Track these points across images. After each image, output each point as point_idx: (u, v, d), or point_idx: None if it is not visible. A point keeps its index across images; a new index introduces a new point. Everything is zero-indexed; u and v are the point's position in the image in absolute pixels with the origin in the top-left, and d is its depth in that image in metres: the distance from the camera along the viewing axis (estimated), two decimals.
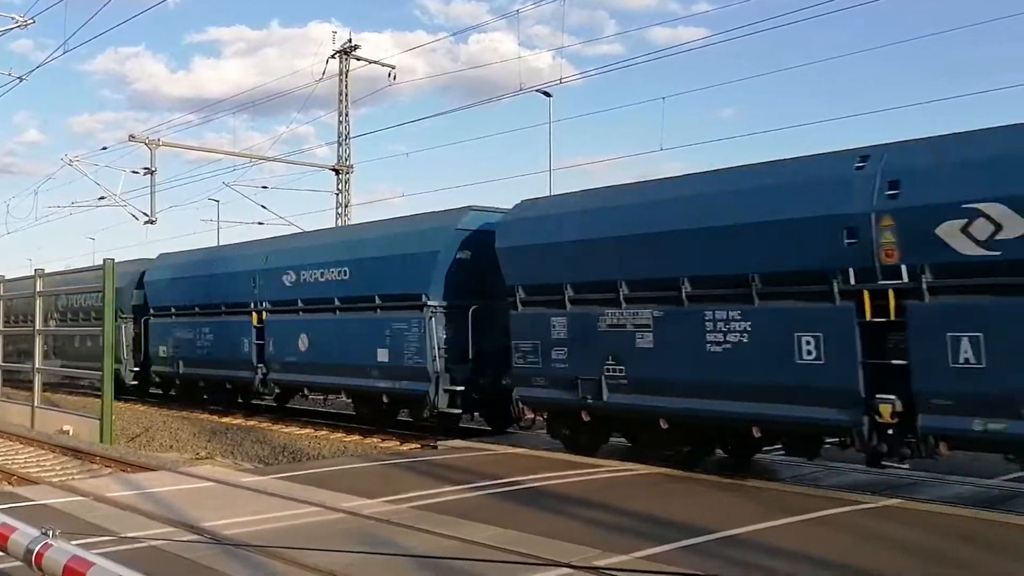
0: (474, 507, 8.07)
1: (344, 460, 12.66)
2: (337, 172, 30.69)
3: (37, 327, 20.01)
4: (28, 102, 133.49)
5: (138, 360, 21.76)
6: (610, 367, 10.64)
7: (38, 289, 20.09)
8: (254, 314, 17.27)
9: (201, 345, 19.14)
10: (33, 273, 21.14)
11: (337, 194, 30.63)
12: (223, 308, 18.38)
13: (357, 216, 30.70)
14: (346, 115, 30.68)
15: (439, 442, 13.24)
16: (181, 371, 19.95)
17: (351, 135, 30.80)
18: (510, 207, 12.78)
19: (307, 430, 16.47)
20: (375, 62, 31.04)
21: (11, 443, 16.62)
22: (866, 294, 8.44)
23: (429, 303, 13.60)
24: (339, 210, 30.51)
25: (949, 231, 7.85)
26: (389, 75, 30.49)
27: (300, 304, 16.27)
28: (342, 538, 6.79)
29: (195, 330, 19.35)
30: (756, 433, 9.61)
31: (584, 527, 7.18)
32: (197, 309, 19.29)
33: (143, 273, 21.61)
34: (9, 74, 22.12)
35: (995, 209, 7.57)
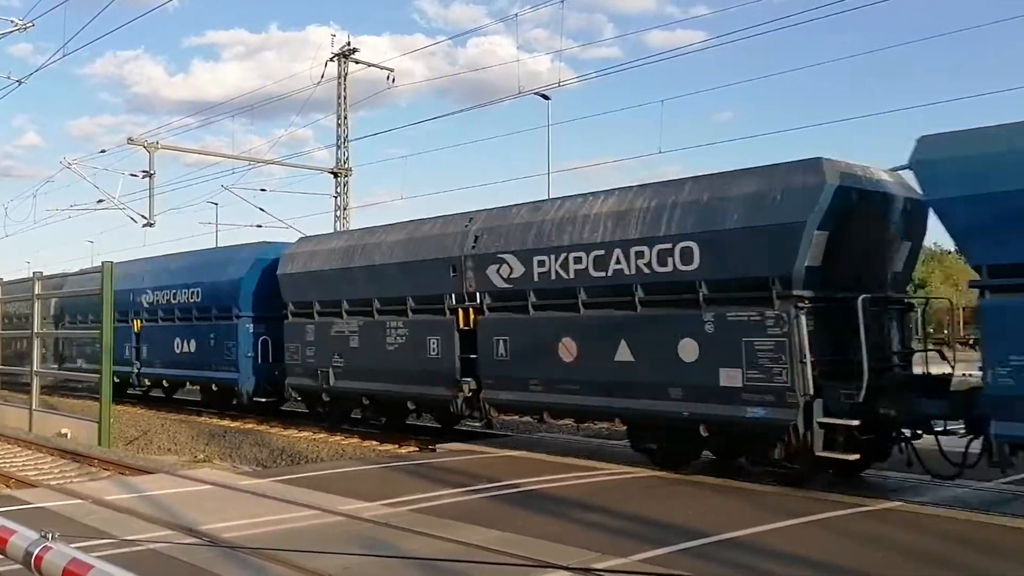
0: (472, 510, 8.07)
1: (342, 463, 12.66)
2: (336, 175, 30.68)
3: (35, 330, 19.98)
4: (27, 105, 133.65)
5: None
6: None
7: (37, 292, 20.08)
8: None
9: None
10: (32, 276, 21.15)
11: (336, 197, 30.63)
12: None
13: (356, 219, 30.74)
14: (345, 118, 30.69)
15: (437, 445, 13.26)
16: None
17: (350, 138, 30.81)
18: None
19: (305, 433, 16.46)
20: (374, 65, 31.06)
21: (9, 446, 16.59)
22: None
23: None
24: (338, 213, 30.51)
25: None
26: (388, 78, 30.56)
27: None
28: (340, 541, 6.80)
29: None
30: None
31: (582, 530, 7.18)
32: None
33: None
34: (8, 77, 22.15)
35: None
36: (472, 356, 12.79)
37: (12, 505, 8.42)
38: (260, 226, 32.06)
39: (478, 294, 12.59)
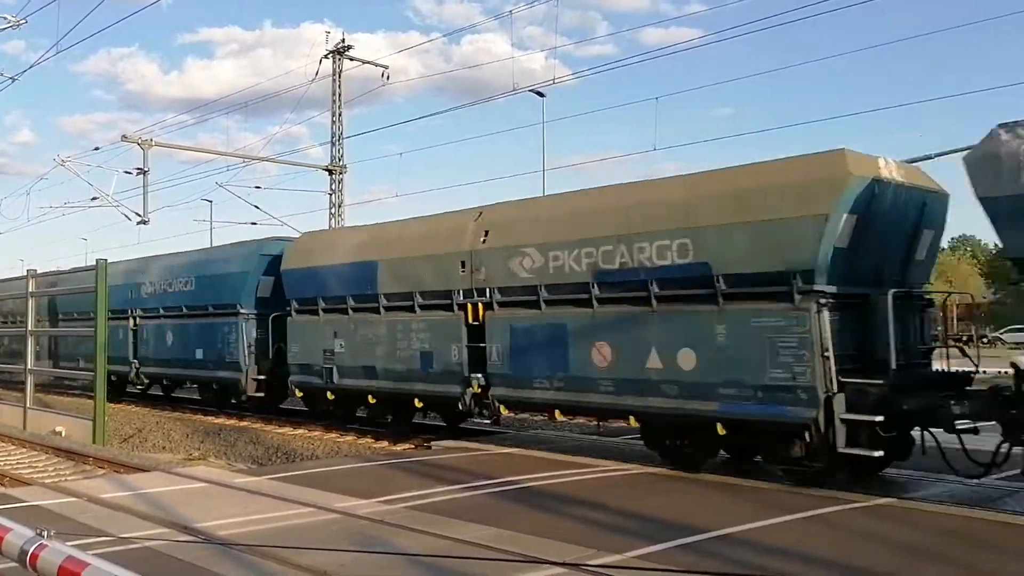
0: (468, 507, 8.08)
1: (338, 460, 12.66)
2: (330, 172, 30.63)
3: (29, 328, 19.93)
4: (20, 102, 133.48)
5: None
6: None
7: (30, 289, 20.02)
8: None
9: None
10: (26, 274, 21.09)
11: (330, 194, 30.57)
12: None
13: (351, 217, 30.71)
14: (339, 115, 30.62)
15: (433, 442, 13.26)
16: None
17: (344, 135, 30.76)
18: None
19: (301, 430, 16.45)
20: (368, 62, 31.00)
21: (3, 444, 16.55)
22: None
23: None
24: (332, 210, 30.47)
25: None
26: (382, 75, 30.49)
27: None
28: (336, 538, 6.79)
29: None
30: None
31: (578, 526, 7.19)
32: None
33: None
34: (1, 74, 22.08)
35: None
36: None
37: (6, 503, 8.40)
38: (255, 224, 31.93)
39: None
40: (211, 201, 47.16)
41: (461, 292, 12.77)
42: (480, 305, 12.50)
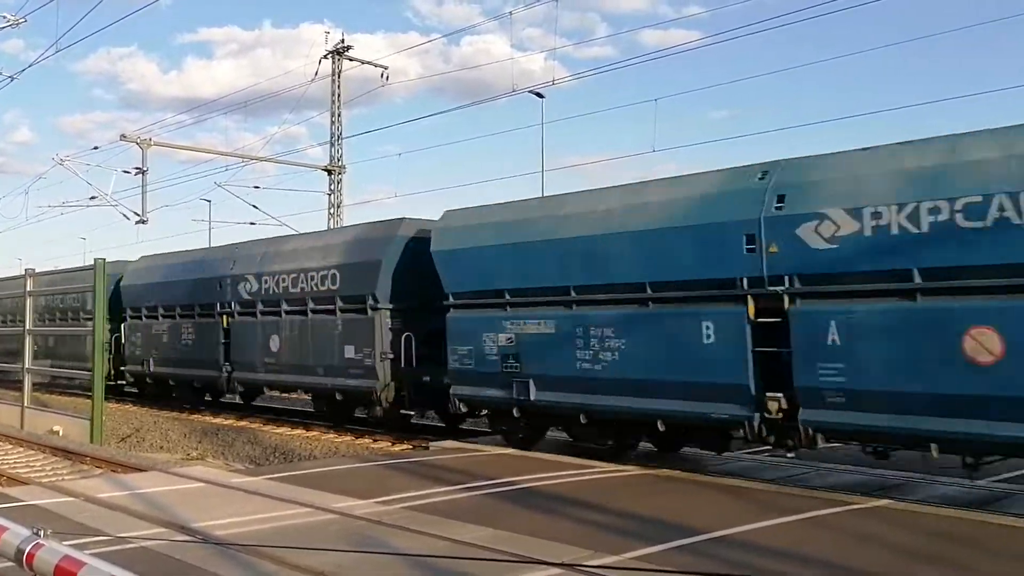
0: (466, 508, 8.08)
1: (336, 461, 12.66)
2: (329, 172, 30.64)
3: (27, 327, 19.91)
4: (19, 101, 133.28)
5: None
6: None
7: (28, 289, 20.01)
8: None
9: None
10: (24, 273, 21.08)
11: (329, 194, 30.59)
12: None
13: (349, 217, 30.70)
14: (338, 115, 30.65)
15: (431, 443, 13.26)
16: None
17: (344, 136, 30.78)
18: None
19: (298, 431, 16.45)
20: (368, 62, 31.03)
21: (1, 443, 16.54)
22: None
23: None
24: (331, 210, 30.47)
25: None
26: (382, 75, 30.52)
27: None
28: (333, 538, 6.79)
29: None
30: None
31: (576, 527, 7.19)
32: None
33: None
34: (0, 73, 22.06)
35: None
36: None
37: (3, 503, 8.38)
38: (253, 224, 31.99)
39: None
40: (210, 201, 47.22)
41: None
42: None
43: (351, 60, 30.82)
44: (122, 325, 21.55)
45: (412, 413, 15.88)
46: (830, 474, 10.59)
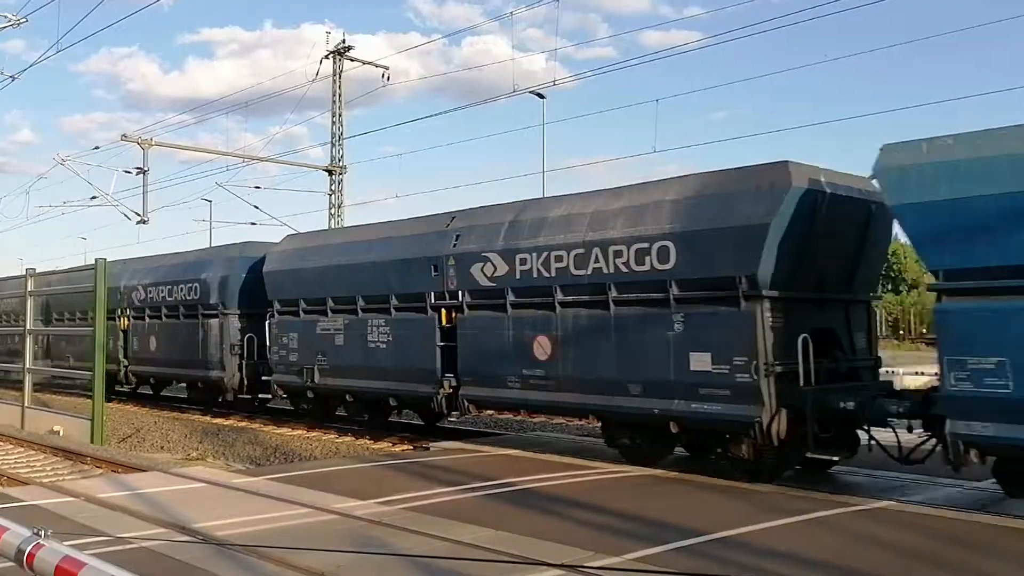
0: (466, 508, 8.07)
1: (336, 461, 12.64)
2: (330, 173, 30.64)
3: (28, 327, 19.90)
4: (21, 101, 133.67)
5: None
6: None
7: (29, 289, 20.00)
8: None
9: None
10: (24, 273, 21.08)
11: (330, 195, 30.58)
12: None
13: (350, 217, 30.70)
14: (339, 116, 30.65)
15: (431, 444, 13.24)
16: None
17: (344, 136, 30.77)
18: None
19: (299, 431, 16.44)
20: (369, 63, 31.03)
21: (1, 443, 16.53)
22: None
23: None
24: (332, 211, 30.47)
25: None
26: (383, 76, 30.51)
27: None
28: (333, 539, 6.78)
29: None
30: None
31: (576, 528, 7.19)
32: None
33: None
34: (1, 73, 22.08)
35: None
36: None
37: (4, 503, 8.39)
38: (254, 224, 32.05)
39: None
40: (211, 201, 47.22)
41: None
42: None
43: (352, 60, 30.84)
44: (267, 323, 17.08)
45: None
46: (833, 476, 10.58)
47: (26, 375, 19.48)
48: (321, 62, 30.41)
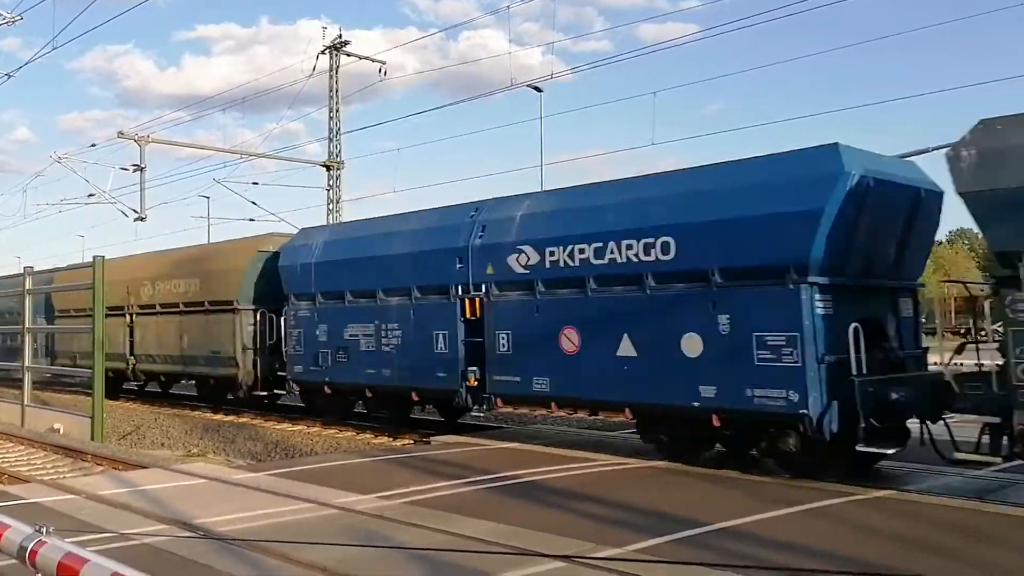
0: (467, 502, 8.08)
1: (337, 456, 12.64)
2: (328, 168, 30.59)
3: (27, 325, 19.89)
4: (17, 99, 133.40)
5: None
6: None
7: (27, 287, 19.97)
8: None
9: None
10: (22, 271, 21.04)
11: (328, 190, 30.54)
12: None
13: (348, 212, 30.67)
14: (337, 111, 30.57)
15: (432, 438, 13.25)
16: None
17: (342, 131, 30.72)
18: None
19: (299, 426, 16.44)
20: (366, 58, 30.94)
21: (1, 441, 16.53)
22: None
23: None
24: (330, 206, 30.44)
25: None
26: (380, 71, 30.42)
27: None
28: (335, 533, 6.79)
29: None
30: None
31: (578, 520, 7.20)
32: None
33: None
34: None
35: None
36: None
37: (5, 501, 8.39)
38: (252, 220, 31.96)
39: None
40: (208, 197, 47.11)
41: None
42: None
43: (349, 56, 30.74)
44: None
45: None
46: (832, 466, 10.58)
47: (25, 373, 19.47)
48: (318, 58, 30.33)
